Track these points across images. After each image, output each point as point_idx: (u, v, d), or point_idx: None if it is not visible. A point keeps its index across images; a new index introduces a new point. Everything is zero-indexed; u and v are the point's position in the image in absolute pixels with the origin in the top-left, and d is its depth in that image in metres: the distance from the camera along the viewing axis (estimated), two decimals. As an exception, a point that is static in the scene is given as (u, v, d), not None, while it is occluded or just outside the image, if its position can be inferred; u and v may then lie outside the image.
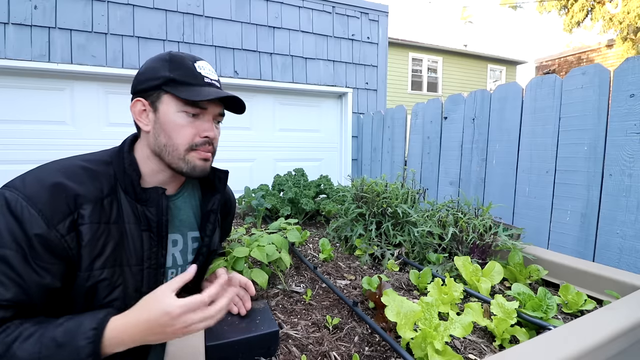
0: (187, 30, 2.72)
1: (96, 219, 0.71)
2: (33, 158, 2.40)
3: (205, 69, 0.82)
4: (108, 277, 0.72)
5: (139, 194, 0.78)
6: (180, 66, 0.79)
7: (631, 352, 0.75)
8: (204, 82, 0.79)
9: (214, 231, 0.93)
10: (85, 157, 0.79)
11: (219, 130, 0.89)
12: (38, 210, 0.64)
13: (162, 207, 0.80)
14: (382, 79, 3.55)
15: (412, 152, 2.67)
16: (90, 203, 0.70)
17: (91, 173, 0.75)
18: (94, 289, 0.71)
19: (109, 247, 0.72)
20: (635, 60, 1.37)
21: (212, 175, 0.95)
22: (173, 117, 0.79)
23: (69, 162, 0.76)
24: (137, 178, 0.79)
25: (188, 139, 0.79)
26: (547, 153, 1.70)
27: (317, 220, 2.03)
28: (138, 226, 0.78)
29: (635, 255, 1.36)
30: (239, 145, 3.06)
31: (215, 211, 0.94)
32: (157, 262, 0.80)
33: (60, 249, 0.66)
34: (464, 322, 0.73)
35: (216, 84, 0.82)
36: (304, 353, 0.77)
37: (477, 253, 1.27)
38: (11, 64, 2.27)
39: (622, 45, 9.96)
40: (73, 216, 0.68)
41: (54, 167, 0.73)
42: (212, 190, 0.95)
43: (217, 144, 0.87)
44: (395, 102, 11.26)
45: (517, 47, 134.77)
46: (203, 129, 0.81)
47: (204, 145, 0.81)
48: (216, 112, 0.84)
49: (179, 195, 0.90)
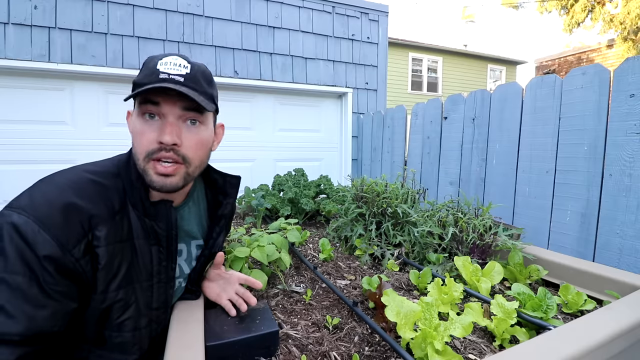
0: (187, 30, 2.72)
1: (112, 240, 0.67)
2: (33, 158, 2.40)
3: (169, 64, 0.70)
4: (123, 298, 0.70)
5: (147, 209, 0.74)
6: (145, 67, 0.72)
7: (631, 352, 0.75)
8: (158, 79, 0.68)
9: (220, 234, 0.92)
10: (92, 169, 0.73)
11: (196, 135, 0.74)
12: (52, 235, 0.59)
13: (172, 222, 0.77)
14: (382, 79, 3.55)
15: (412, 152, 2.67)
16: (106, 223, 0.66)
17: (102, 188, 0.70)
18: (109, 310, 0.69)
19: (124, 267, 0.70)
20: (635, 60, 1.37)
21: (222, 181, 0.92)
22: (134, 123, 0.73)
23: (77, 175, 0.69)
24: (145, 193, 0.74)
25: (144, 146, 0.69)
26: (547, 153, 1.70)
27: (317, 220, 2.03)
28: (147, 241, 0.74)
29: (635, 255, 1.36)
30: (239, 145, 3.06)
31: (227, 216, 0.92)
32: (167, 275, 0.78)
33: (75, 273, 0.62)
34: (464, 322, 0.73)
35: (176, 78, 0.69)
36: (304, 353, 0.77)
37: (477, 253, 1.27)
38: (11, 64, 2.27)
39: (622, 45, 9.96)
40: (87, 238, 0.64)
41: (63, 182, 0.66)
42: (223, 194, 0.92)
43: (189, 152, 0.73)
44: (395, 102, 11.26)
45: (517, 47, 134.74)
46: (159, 134, 0.69)
47: (160, 152, 0.69)
48: (176, 111, 0.70)
49: (184, 206, 0.87)
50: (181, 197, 0.86)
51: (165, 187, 0.72)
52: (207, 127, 0.78)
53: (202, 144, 0.76)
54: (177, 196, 0.83)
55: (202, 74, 0.75)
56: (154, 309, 0.76)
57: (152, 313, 0.76)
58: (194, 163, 0.75)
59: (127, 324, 0.71)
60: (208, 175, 0.93)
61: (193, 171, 0.76)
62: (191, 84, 0.71)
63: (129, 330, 0.72)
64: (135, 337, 0.74)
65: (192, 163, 0.75)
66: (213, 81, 0.80)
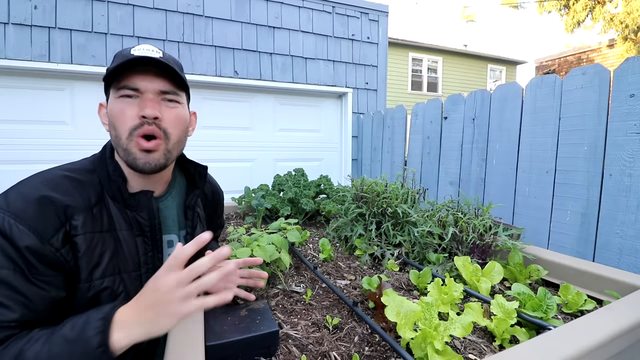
0: (187, 30, 2.72)
1: (90, 229, 0.69)
2: (33, 158, 2.40)
3: (142, 49, 0.74)
4: (109, 286, 0.71)
5: (127, 200, 0.76)
6: (118, 56, 0.75)
7: (631, 352, 0.75)
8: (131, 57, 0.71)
9: (194, 228, 0.92)
10: (67, 166, 0.76)
11: (174, 111, 0.78)
12: (28, 227, 0.61)
13: (153, 211, 0.79)
14: (382, 79, 3.55)
15: (412, 152, 2.67)
16: (81, 213, 0.68)
17: (76, 183, 0.72)
18: (97, 299, 0.70)
19: (106, 256, 0.71)
20: (635, 60, 1.37)
21: (193, 170, 0.94)
22: (112, 106, 0.75)
23: (51, 173, 0.72)
24: (124, 183, 0.77)
25: (127, 122, 0.72)
26: (547, 153, 1.70)
27: (317, 220, 2.03)
28: (131, 232, 0.76)
29: (635, 255, 1.36)
30: (239, 145, 3.06)
31: (193, 207, 0.92)
32: (154, 265, 0.79)
33: (57, 263, 0.64)
34: (464, 322, 0.73)
35: (151, 57, 0.72)
36: (304, 353, 0.77)
37: (477, 253, 1.27)
38: (11, 64, 2.27)
39: (622, 45, 9.96)
40: (65, 228, 0.66)
41: (36, 180, 0.69)
42: (192, 185, 0.94)
43: (169, 125, 0.76)
44: (395, 102, 11.26)
45: (517, 47, 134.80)
46: (140, 108, 0.72)
47: (143, 126, 0.73)
48: (155, 87, 0.74)
49: (167, 195, 0.89)
50: (161, 186, 0.87)
51: (148, 164, 0.74)
52: (184, 107, 0.82)
53: (180, 120, 0.80)
54: (158, 185, 0.85)
55: (173, 60, 0.80)
56: None
57: None
58: (173, 139, 0.78)
59: None
60: (182, 164, 0.95)
61: (172, 147, 0.79)
62: (166, 62, 0.74)
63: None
64: None
65: (171, 139, 0.78)
66: (182, 69, 0.84)
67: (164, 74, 0.75)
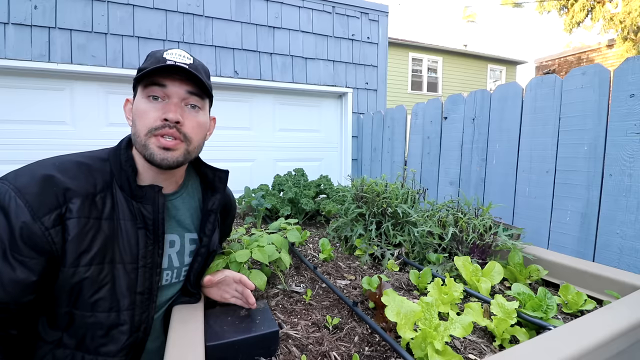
0: (187, 30, 2.72)
1: (85, 214, 0.70)
2: (33, 158, 2.36)
3: (174, 54, 0.78)
4: (94, 275, 0.71)
5: (134, 191, 0.78)
6: (151, 57, 0.80)
7: (631, 352, 0.75)
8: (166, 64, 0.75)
9: (213, 231, 0.92)
10: (84, 153, 0.81)
11: (196, 118, 0.81)
12: (25, 201, 0.65)
13: (158, 205, 0.79)
14: (382, 79, 3.55)
15: (412, 152, 2.67)
16: (80, 197, 0.70)
17: (86, 168, 0.75)
18: (79, 287, 0.70)
19: (97, 243, 0.72)
20: (635, 60, 1.37)
21: (212, 175, 0.95)
22: (138, 104, 0.79)
23: (66, 157, 0.77)
24: (133, 174, 0.79)
25: (148, 123, 0.76)
26: (547, 153, 1.70)
27: (317, 220, 2.03)
28: (134, 223, 0.77)
29: (635, 255, 1.36)
30: (239, 145, 3.06)
31: (215, 211, 0.93)
32: (152, 261, 0.79)
33: (42, 243, 0.66)
34: (464, 322, 0.73)
35: (181, 65, 0.76)
36: (304, 353, 0.77)
37: (477, 253, 1.27)
38: (11, 64, 2.27)
39: (622, 45, 9.95)
40: (61, 210, 0.68)
41: (50, 161, 0.74)
42: (212, 190, 0.95)
43: (190, 131, 0.80)
44: (395, 102, 11.26)
45: (517, 47, 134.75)
46: (164, 112, 0.76)
47: (164, 128, 0.76)
48: (181, 93, 0.78)
49: (177, 195, 0.90)
50: (172, 185, 0.88)
51: (166, 161, 0.77)
52: (205, 113, 0.86)
53: (200, 127, 0.83)
54: (168, 183, 0.87)
55: (202, 66, 0.84)
56: (137, 293, 0.77)
57: (136, 297, 0.77)
58: (193, 143, 0.82)
59: (100, 304, 0.72)
60: (199, 169, 0.97)
61: (192, 150, 0.82)
62: (195, 71, 0.78)
63: (104, 310, 0.73)
64: (111, 318, 0.74)
65: (192, 142, 0.81)
66: (209, 76, 0.89)
67: (190, 80, 0.79)
